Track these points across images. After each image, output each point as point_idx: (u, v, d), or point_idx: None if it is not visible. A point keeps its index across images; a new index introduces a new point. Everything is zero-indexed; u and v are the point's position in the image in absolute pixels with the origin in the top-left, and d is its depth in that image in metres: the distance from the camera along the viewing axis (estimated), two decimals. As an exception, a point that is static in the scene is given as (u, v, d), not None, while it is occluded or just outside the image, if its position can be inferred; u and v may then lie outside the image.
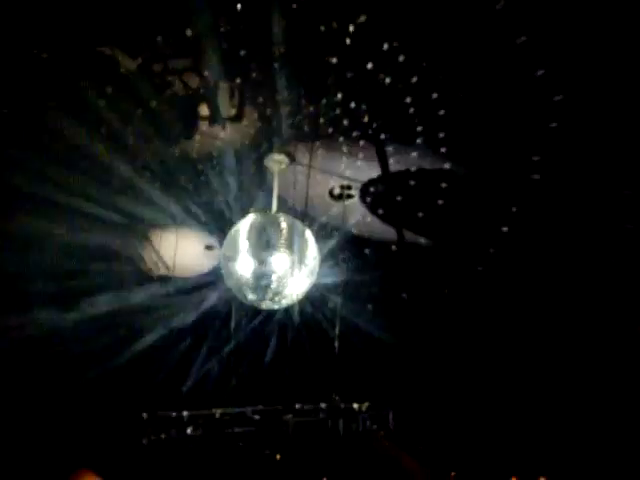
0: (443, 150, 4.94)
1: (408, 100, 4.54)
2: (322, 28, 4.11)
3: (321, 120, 4.86)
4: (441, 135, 4.78)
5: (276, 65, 4.46)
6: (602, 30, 3.73)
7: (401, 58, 4.18)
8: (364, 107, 4.71)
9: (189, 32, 4.28)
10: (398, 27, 4.03)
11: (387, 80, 4.39)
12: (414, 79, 4.34)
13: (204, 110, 4.83)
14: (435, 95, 4.43)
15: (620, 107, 4.18)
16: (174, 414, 6.24)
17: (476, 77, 4.25)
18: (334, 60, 4.33)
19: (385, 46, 4.11)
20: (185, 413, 6.38)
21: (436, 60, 4.21)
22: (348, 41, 4.13)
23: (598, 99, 4.15)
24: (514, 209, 5.25)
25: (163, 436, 6.12)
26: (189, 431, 6.31)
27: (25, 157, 5.08)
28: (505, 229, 5.48)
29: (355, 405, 6.29)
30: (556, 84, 4.06)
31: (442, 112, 4.54)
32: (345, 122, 4.84)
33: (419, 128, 4.78)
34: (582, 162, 4.66)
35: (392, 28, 4.04)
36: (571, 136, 4.46)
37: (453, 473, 6.71)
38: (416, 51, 4.16)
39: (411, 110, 4.60)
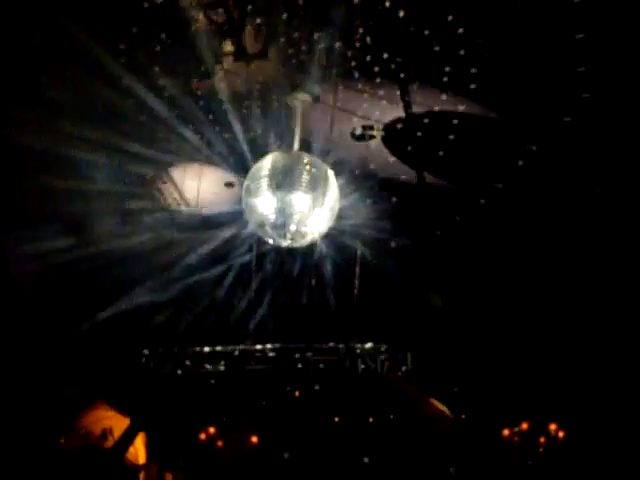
0: (466, 91, 4.89)
1: (432, 39, 4.49)
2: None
3: (345, 59, 4.82)
4: (464, 75, 4.73)
5: (301, 3, 4.43)
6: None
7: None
8: (388, 47, 4.66)
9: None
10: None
11: (411, 20, 4.34)
12: (438, 19, 4.29)
13: (228, 46, 4.80)
14: (460, 35, 4.37)
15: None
16: (194, 349, 6.31)
17: (501, 18, 4.19)
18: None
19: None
20: (205, 349, 6.46)
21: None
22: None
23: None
24: (534, 149, 5.20)
25: (180, 371, 6.20)
26: (208, 366, 6.40)
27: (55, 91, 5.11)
28: (522, 167, 5.42)
29: (373, 345, 6.34)
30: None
31: (465, 52, 4.49)
32: (368, 62, 4.80)
33: (444, 69, 4.73)
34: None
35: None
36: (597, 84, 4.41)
37: (463, 416, 6.78)
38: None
39: (436, 49, 4.55)
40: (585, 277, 6.26)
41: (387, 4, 4.27)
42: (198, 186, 6.31)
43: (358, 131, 5.56)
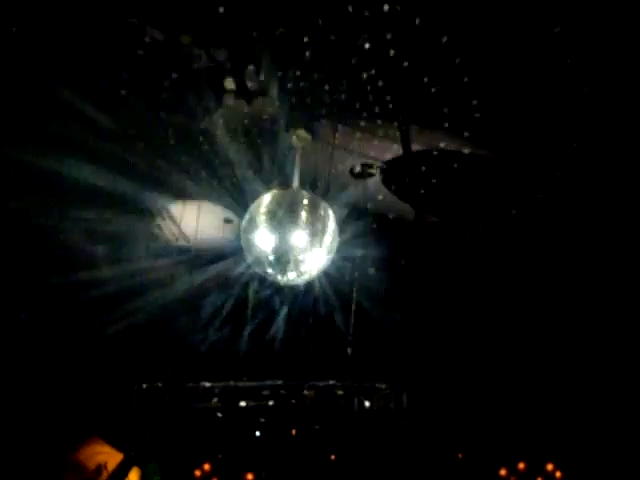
0: (465, 133, 4.93)
1: (432, 82, 4.53)
2: (350, 8, 4.11)
3: (345, 99, 4.86)
4: (464, 118, 4.77)
5: (303, 42, 4.46)
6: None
7: (426, 40, 4.17)
8: (388, 87, 4.70)
9: (220, 7, 4.27)
10: (423, 8, 4.02)
11: (411, 61, 4.38)
12: (438, 61, 4.33)
13: (229, 84, 4.83)
14: (458, 78, 4.41)
15: None
16: (190, 385, 6.28)
17: (498, 62, 4.23)
18: (360, 40, 4.32)
19: (412, 26, 4.10)
20: (202, 385, 6.43)
21: (461, 43, 4.19)
22: (374, 21, 4.12)
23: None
24: (535, 196, 5.24)
25: (176, 407, 6.16)
26: (205, 402, 6.36)
27: (47, 127, 5.14)
28: (517, 213, 5.47)
29: (370, 384, 6.31)
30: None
31: (465, 95, 4.53)
32: (369, 102, 4.83)
33: (443, 110, 4.77)
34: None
35: (418, 9, 4.03)
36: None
37: (460, 454, 6.74)
38: (441, 33, 4.15)
39: (434, 91, 4.59)
40: (577, 315, 6.28)
41: (391, 52, 4.31)
42: (197, 222, 6.33)
43: (357, 169, 5.59)
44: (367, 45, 4.33)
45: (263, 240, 4.56)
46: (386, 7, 3.99)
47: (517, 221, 5.63)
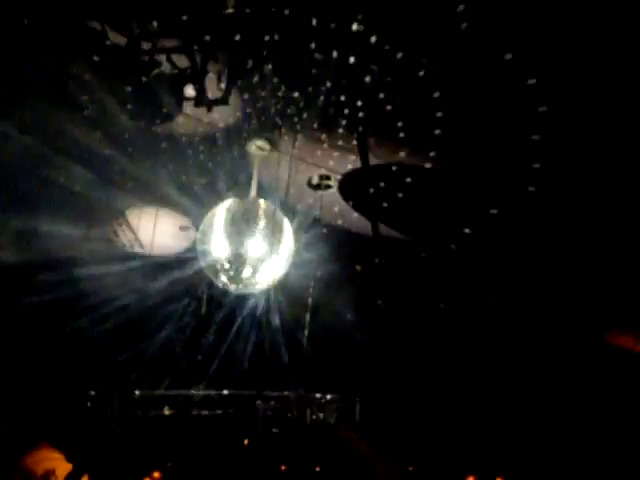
0: (424, 147, 4.97)
1: (392, 95, 4.58)
2: (314, 21, 4.14)
3: (305, 110, 4.88)
4: (423, 132, 4.81)
5: (265, 53, 4.48)
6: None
7: (388, 53, 4.21)
8: (348, 100, 4.73)
9: (182, 14, 4.27)
10: (387, 23, 4.06)
11: (371, 75, 4.42)
12: (398, 75, 4.38)
13: (190, 91, 4.83)
14: (418, 92, 4.46)
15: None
16: (141, 393, 6.24)
17: (459, 77, 4.28)
18: (322, 53, 4.35)
19: (372, 40, 4.14)
20: (154, 392, 6.39)
21: (420, 57, 4.24)
22: (336, 34, 4.15)
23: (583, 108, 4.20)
24: (490, 210, 5.30)
25: (126, 415, 6.11)
26: (155, 411, 6.32)
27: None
28: (469, 230, 5.53)
29: (322, 395, 6.32)
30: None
31: (425, 110, 4.57)
32: (328, 113, 4.86)
33: (402, 124, 4.81)
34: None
35: (382, 24, 4.07)
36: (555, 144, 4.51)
37: (411, 467, 6.76)
38: (403, 47, 4.19)
39: (394, 105, 4.64)
40: (540, 339, 6.36)
41: (351, 60, 4.34)
42: (153, 229, 6.30)
43: (315, 180, 5.61)
44: (328, 57, 4.36)
45: (218, 248, 4.57)
46: (347, 22, 4.03)
47: (474, 236, 5.68)
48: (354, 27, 4.04)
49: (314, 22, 4.13)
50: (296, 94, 4.78)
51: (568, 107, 4.20)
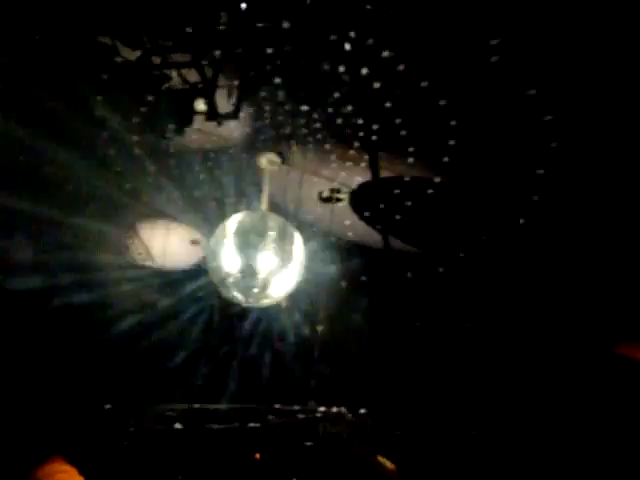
0: (436, 161, 4.96)
1: (403, 109, 4.57)
2: (323, 34, 4.14)
3: (315, 123, 4.88)
4: (435, 146, 4.81)
5: (275, 66, 4.48)
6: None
7: (399, 67, 4.21)
8: (359, 113, 4.73)
9: (190, 28, 4.28)
10: (395, 36, 4.06)
11: (382, 88, 4.42)
12: (409, 88, 4.37)
13: (200, 106, 4.83)
14: (430, 106, 4.45)
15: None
16: (152, 407, 6.22)
17: (469, 91, 4.28)
18: (332, 66, 4.35)
19: (383, 54, 4.14)
20: (165, 406, 6.37)
21: (432, 71, 4.24)
22: (347, 47, 4.15)
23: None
24: (500, 222, 5.29)
25: (134, 429, 6.09)
26: (167, 425, 6.30)
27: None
28: (487, 239, 5.52)
29: (334, 409, 6.29)
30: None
31: (437, 123, 4.57)
32: (339, 127, 4.86)
33: (414, 137, 4.81)
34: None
35: (390, 36, 4.07)
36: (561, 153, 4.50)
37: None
38: (413, 60, 4.19)
39: (405, 118, 4.63)
40: (550, 352, 6.33)
41: (363, 71, 4.34)
42: (165, 243, 6.31)
43: (325, 193, 5.60)
44: (339, 71, 4.36)
45: (229, 262, 4.56)
46: (359, 36, 4.04)
47: (486, 250, 5.67)
48: (384, 54, 4.06)
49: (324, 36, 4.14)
50: (306, 107, 4.79)
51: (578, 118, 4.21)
